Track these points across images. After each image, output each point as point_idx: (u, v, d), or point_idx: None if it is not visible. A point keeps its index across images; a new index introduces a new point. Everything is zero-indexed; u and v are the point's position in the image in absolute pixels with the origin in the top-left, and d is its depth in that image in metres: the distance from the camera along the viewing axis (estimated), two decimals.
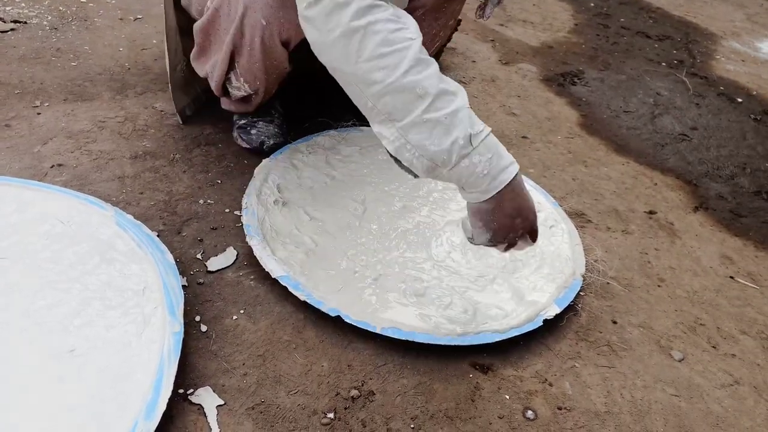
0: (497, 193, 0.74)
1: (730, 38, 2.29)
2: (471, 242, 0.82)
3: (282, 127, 1.24)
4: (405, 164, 0.76)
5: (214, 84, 1.13)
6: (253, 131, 1.21)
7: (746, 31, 2.39)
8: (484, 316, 0.91)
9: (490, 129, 0.76)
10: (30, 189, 0.98)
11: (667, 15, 2.45)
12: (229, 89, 1.14)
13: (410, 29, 0.73)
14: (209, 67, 1.11)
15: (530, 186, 1.22)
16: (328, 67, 0.76)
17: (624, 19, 2.34)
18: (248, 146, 1.22)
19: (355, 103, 0.76)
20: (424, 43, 1.27)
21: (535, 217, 0.80)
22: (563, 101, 1.67)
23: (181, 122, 1.27)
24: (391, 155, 0.77)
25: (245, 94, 1.13)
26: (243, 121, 1.23)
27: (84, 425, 0.68)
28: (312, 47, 0.76)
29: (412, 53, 0.71)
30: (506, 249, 0.81)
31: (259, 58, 1.03)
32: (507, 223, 0.76)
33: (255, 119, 1.22)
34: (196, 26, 1.08)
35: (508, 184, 0.74)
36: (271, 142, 1.21)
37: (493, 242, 0.79)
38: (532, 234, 0.81)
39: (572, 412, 0.82)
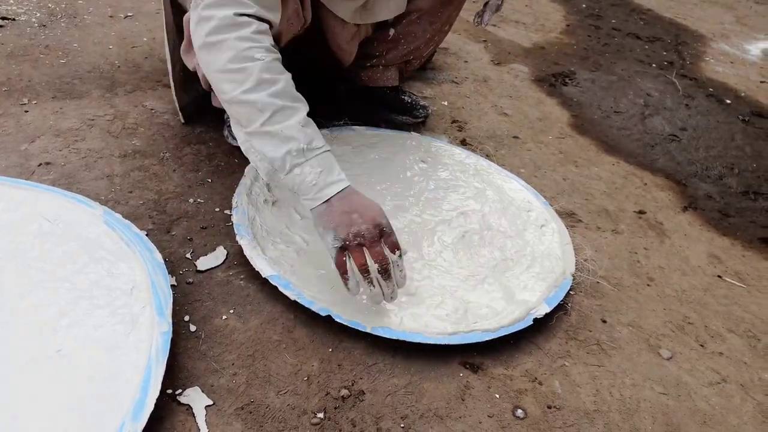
0: (326, 200, 0.83)
1: (720, 40, 2.31)
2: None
3: None
4: (251, 162, 0.86)
5: (201, 77, 1.12)
6: None
7: (735, 33, 2.41)
8: (474, 315, 0.91)
9: (328, 149, 0.85)
10: (17, 187, 0.97)
11: (658, 17, 2.47)
12: None
13: (263, 49, 0.83)
14: (197, 60, 1.10)
15: (521, 186, 1.22)
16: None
17: (615, 20, 2.36)
18: (239, 144, 1.21)
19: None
20: (418, 47, 1.31)
21: (381, 216, 0.82)
22: (554, 101, 1.68)
23: (183, 121, 1.26)
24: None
25: None
26: None
27: (71, 425, 0.67)
28: None
29: (257, 72, 0.81)
30: (340, 267, 0.82)
31: None
32: (344, 219, 0.81)
33: None
34: (185, 18, 1.07)
35: (337, 193, 0.83)
36: None
37: (338, 240, 0.81)
38: (385, 236, 0.82)
39: (562, 410, 0.83)
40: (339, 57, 1.22)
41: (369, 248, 0.81)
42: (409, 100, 1.39)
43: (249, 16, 0.84)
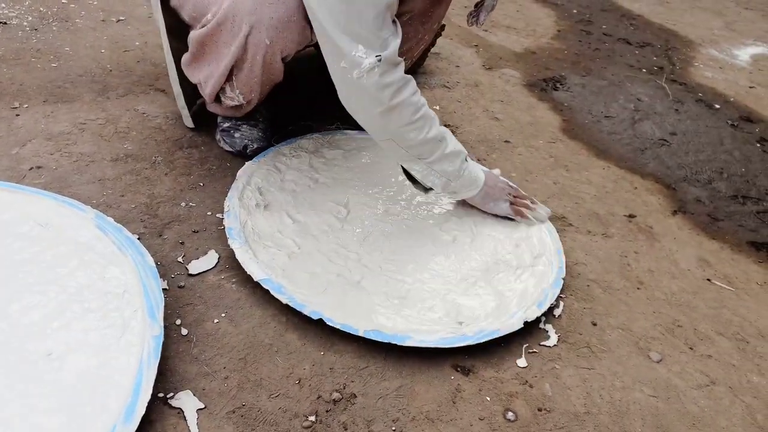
0: (483, 184, 1.10)
1: (709, 46, 2.34)
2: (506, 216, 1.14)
3: (266, 132, 1.24)
4: (428, 184, 1.07)
5: (207, 92, 1.12)
6: (237, 135, 1.21)
7: (724, 38, 2.44)
8: (465, 318, 0.92)
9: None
10: (8, 191, 0.96)
11: (648, 22, 2.49)
12: (222, 98, 1.13)
13: (418, 90, 0.99)
14: (203, 76, 1.10)
15: None
16: (361, 123, 1.01)
17: (606, 25, 2.38)
18: (231, 149, 1.21)
19: (383, 146, 1.03)
20: (410, 48, 1.34)
21: (504, 182, 1.15)
22: (545, 106, 1.69)
23: (192, 125, 1.25)
24: (408, 178, 1.10)
25: (238, 104, 1.13)
26: (227, 124, 1.22)
27: (62, 429, 0.67)
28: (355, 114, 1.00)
29: (430, 113, 1.01)
30: (519, 214, 1.13)
31: (258, 73, 1.04)
32: (497, 191, 1.12)
33: (239, 122, 1.22)
34: (193, 35, 1.07)
35: (484, 175, 1.11)
36: (255, 146, 1.21)
37: (508, 201, 1.13)
38: (516, 193, 1.14)
39: (552, 413, 0.83)
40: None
41: (519, 197, 1.14)
42: None
43: (395, 64, 0.94)
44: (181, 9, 1.11)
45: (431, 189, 1.09)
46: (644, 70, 2.03)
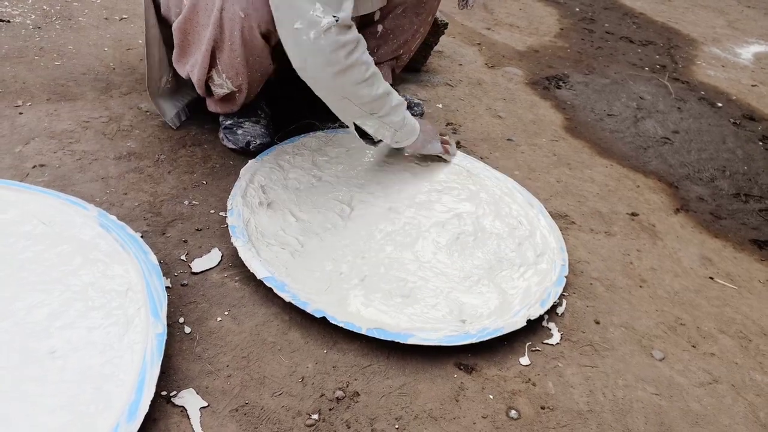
0: (420, 130, 1.17)
1: (711, 44, 2.33)
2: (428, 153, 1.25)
3: (268, 128, 1.24)
4: (379, 137, 1.10)
5: (196, 82, 1.13)
6: (239, 131, 1.21)
7: (726, 37, 2.44)
8: (468, 316, 0.92)
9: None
10: (11, 189, 0.96)
11: (650, 21, 2.49)
12: (212, 87, 1.14)
13: (366, 49, 1.00)
14: (189, 66, 1.11)
15: (514, 187, 1.23)
16: (310, 84, 1.00)
17: (608, 24, 2.38)
18: (234, 146, 1.21)
19: (339, 110, 1.04)
20: (406, 40, 1.36)
21: (434, 130, 1.24)
22: (548, 104, 1.69)
23: (175, 126, 1.26)
24: (359, 135, 1.11)
25: (228, 91, 1.13)
26: (229, 122, 1.22)
27: (65, 427, 0.67)
28: (302, 74, 0.97)
29: (377, 69, 1.01)
30: (446, 151, 1.26)
31: (240, 52, 1.04)
32: (430, 133, 1.21)
33: (241, 120, 1.22)
34: (175, 26, 1.08)
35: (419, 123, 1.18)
36: (258, 142, 1.21)
37: (439, 140, 1.23)
38: (442, 138, 1.26)
39: (555, 411, 0.83)
40: None
41: (441, 134, 1.25)
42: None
43: (348, 26, 0.95)
44: (169, 12, 1.12)
45: (380, 141, 1.13)
46: (647, 69, 2.03)
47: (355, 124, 1.08)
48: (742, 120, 1.78)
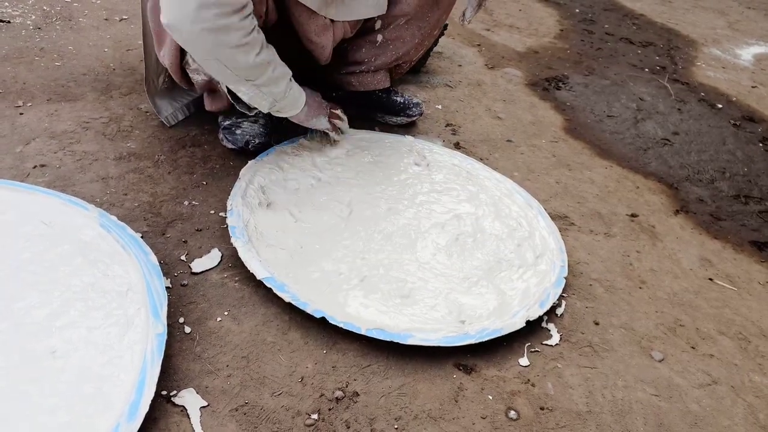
0: (305, 104, 1.15)
1: (711, 45, 2.33)
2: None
3: (266, 127, 1.24)
4: (254, 105, 1.08)
5: (169, 67, 1.12)
6: (238, 131, 1.21)
7: (727, 38, 2.44)
8: (468, 317, 0.92)
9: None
10: (12, 189, 0.97)
11: (650, 22, 2.49)
12: (190, 74, 1.13)
13: (252, 15, 0.97)
14: (162, 53, 1.10)
15: (513, 188, 1.23)
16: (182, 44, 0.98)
17: (608, 25, 2.38)
18: (233, 146, 1.22)
19: (211, 70, 1.01)
20: (407, 52, 1.34)
21: (327, 104, 1.23)
22: (548, 105, 1.69)
23: (168, 125, 1.26)
24: (233, 101, 1.11)
25: (205, 77, 1.11)
26: (228, 122, 1.23)
27: (65, 426, 0.67)
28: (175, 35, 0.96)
29: (259, 37, 0.99)
30: (334, 128, 1.24)
31: None
32: (317, 108, 1.19)
33: (239, 119, 1.22)
34: (148, 14, 1.09)
35: (307, 98, 1.15)
36: (257, 141, 1.21)
37: (326, 115, 1.22)
38: (332, 107, 1.24)
39: (554, 412, 0.83)
40: (313, 53, 1.20)
41: (333, 110, 1.23)
42: (402, 100, 1.40)
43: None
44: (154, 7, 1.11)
45: (255, 109, 1.12)
46: (647, 70, 2.03)
47: (228, 89, 1.07)
48: (742, 121, 1.78)
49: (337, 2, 1.12)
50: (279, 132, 1.28)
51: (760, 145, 1.67)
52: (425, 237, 1.06)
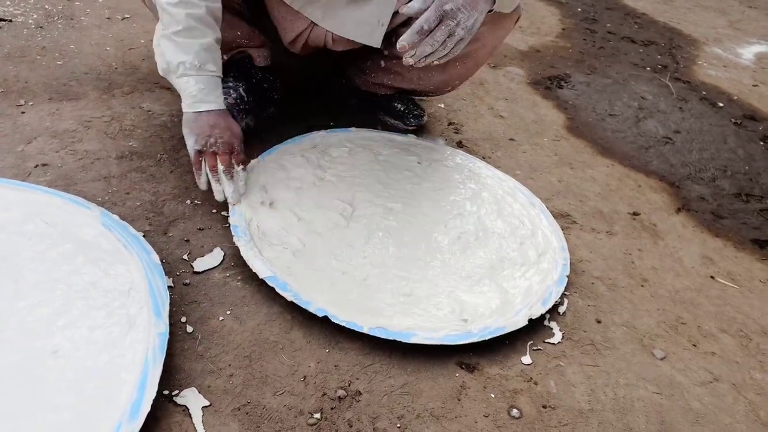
0: (197, 111, 0.99)
1: (713, 44, 2.33)
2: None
3: (244, 96, 1.19)
4: (155, 57, 1.01)
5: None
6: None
7: (728, 37, 2.43)
8: (470, 315, 0.92)
9: (219, 75, 1.01)
10: (13, 188, 0.97)
11: (652, 21, 2.49)
12: None
13: None
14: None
15: (515, 187, 1.23)
16: None
17: (610, 24, 2.38)
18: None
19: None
20: (403, 87, 1.32)
21: (235, 138, 1.01)
22: (550, 104, 1.69)
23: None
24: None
25: None
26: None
27: (67, 426, 0.67)
28: None
29: (196, 14, 0.95)
30: (197, 166, 1.01)
31: None
32: (206, 130, 0.99)
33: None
34: None
35: (208, 111, 1.00)
36: (230, 98, 1.16)
37: (198, 144, 0.99)
38: (235, 153, 1.01)
39: (557, 410, 0.83)
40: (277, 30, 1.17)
41: (220, 155, 0.99)
42: (402, 107, 1.37)
43: None
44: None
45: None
46: (648, 69, 2.03)
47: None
48: (743, 120, 1.78)
49: (326, 6, 1.10)
50: (285, 131, 1.28)
51: (761, 143, 1.67)
52: (427, 235, 1.06)
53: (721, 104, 1.85)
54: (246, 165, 1.04)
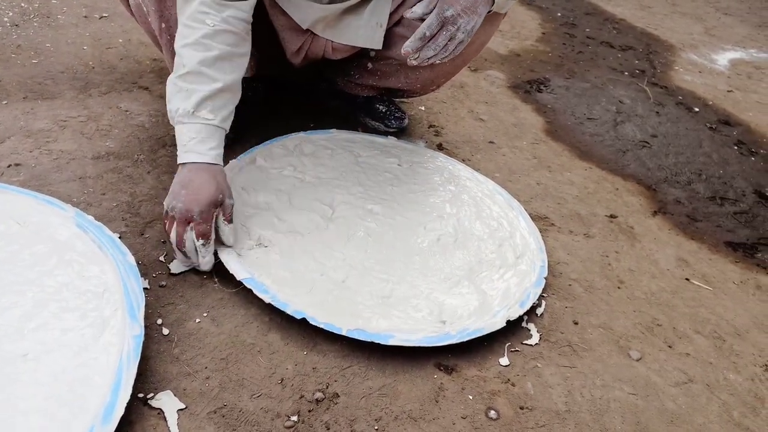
0: (180, 163, 0.92)
1: (689, 50, 2.38)
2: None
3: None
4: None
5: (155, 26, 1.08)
6: None
7: (703, 43, 2.49)
8: (449, 317, 0.92)
9: (216, 124, 0.93)
10: None
11: (630, 26, 2.53)
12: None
13: (218, 18, 0.91)
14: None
15: (495, 189, 1.24)
16: None
17: (589, 29, 2.41)
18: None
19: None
20: (390, 87, 1.30)
21: (199, 205, 0.88)
22: (529, 108, 1.71)
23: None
24: None
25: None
26: None
27: (39, 430, 0.66)
28: None
29: (198, 35, 0.90)
30: (167, 233, 0.90)
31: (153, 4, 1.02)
32: (175, 189, 0.90)
33: None
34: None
35: (190, 163, 0.91)
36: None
37: (165, 206, 0.90)
38: (195, 223, 0.88)
39: (534, 411, 0.84)
40: (281, 44, 1.18)
41: (177, 224, 0.88)
42: (383, 109, 1.37)
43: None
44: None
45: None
46: (626, 73, 2.06)
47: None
48: (718, 125, 1.81)
49: (324, 20, 1.10)
50: (264, 133, 1.27)
51: (735, 147, 1.70)
52: (407, 237, 1.07)
53: (696, 109, 1.89)
54: (207, 240, 0.90)
